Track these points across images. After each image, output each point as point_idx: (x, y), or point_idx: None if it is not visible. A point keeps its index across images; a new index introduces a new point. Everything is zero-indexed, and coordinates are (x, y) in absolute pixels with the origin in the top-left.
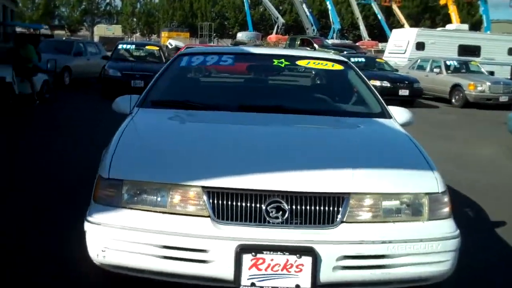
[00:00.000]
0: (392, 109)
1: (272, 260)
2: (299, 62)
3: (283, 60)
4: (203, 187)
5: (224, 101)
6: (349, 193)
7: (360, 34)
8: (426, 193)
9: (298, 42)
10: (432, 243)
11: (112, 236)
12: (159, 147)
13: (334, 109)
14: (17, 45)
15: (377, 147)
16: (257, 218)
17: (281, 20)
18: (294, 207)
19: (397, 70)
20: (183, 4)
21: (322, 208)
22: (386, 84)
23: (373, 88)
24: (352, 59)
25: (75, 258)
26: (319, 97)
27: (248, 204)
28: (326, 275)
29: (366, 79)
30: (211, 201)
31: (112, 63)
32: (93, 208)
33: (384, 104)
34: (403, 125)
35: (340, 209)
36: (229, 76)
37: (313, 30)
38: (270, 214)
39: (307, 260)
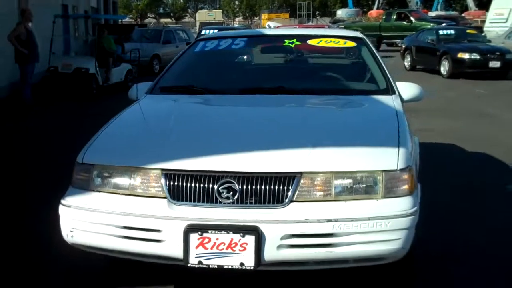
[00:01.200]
0: (400, 85)
1: (217, 239)
2: (310, 42)
3: (294, 40)
4: (161, 169)
5: (228, 85)
6: (301, 172)
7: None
8: (383, 171)
9: (394, 17)
10: (381, 221)
11: (79, 218)
12: (134, 133)
13: (336, 88)
14: (99, 37)
15: (352, 125)
16: (209, 199)
17: None
18: (245, 187)
19: (489, 41)
20: None
21: (272, 187)
22: (476, 56)
23: (383, 65)
24: (441, 32)
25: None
26: (324, 75)
27: (202, 185)
28: (270, 253)
29: (378, 56)
30: (167, 183)
31: None
32: (68, 191)
33: (391, 80)
34: (409, 100)
35: (290, 188)
36: (240, 59)
37: (416, 2)
38: (222, 195)
39: (250, 239)
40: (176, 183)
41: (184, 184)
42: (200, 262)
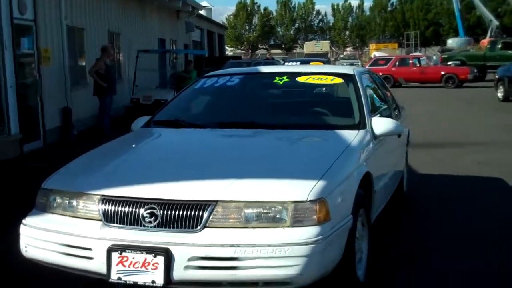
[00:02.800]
0: (376, 120)
1: (133, 258)
2: (299, 79)
3: (284, 77)
4: (100, 195)
5: (209, 119)
6: (216, 201)
7: None
8: (292, 201)
9: (500, 46)
10: (281, 248)
11: (32, 235)
12: (94, 164)
13: (305, 123)
14: (185, 70)
15: (288, 158)
16: (135, 222)
17: (494, 23)
18: (166, 212)
19: None
20: (395, 14)
21: (189, 213)
22: None
23: (365, 100)
24: None
25: None
26: (300, 111)
27: (130, 210)
28: (178, 273)
29: (362, 91)
30: (103, 207)
31: None
32: (31, 213)
33: (366, 116)
34: (382, 135)
35: (204, 215)
36: (230, 95)
37: None
38: (145, 219)
39: (160, 259)
40: (109, 207)
41: (116, 208)
42: (119, 278)
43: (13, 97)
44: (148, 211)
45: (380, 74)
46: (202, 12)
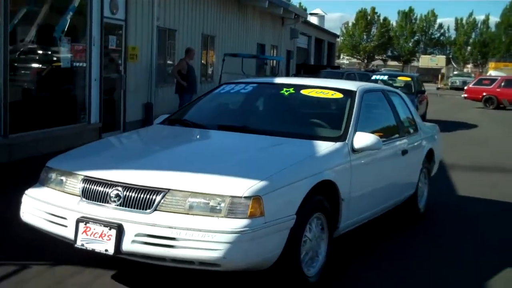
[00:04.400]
0: (359, 135)
1: (94, 229)
2: (303, 91)
3: (291, 89)
4: (83, 175)
5: (212, 121)
6: (168, 189)
7: None
8: (231, 196)
9: None
10: (210, 234)
11: (29, 203)
12: (93, 150)
13: (290, 131)
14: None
15: (250, 159)
16: (103, 200)
17: None
18: (128, 194)
19: None
20: None
21: (145, 197)
22: None
23: (356, 116)
24: None
25: None
26: (293, 120)
27: (101, 189)
28: (126, 245)
29: (356, 108)
30: (83, 185)
31: None
32: (34, 186)
33: (350, 130)
34: (362, 149)
35: (157, 199)
36: (238, 101)
37: None
38: (111, 198)
39: (113, 232)
40: (88, 186)
41: (92, 187)
42: (82, 245)
43: (96, 89)
44: (114, 192)
45: (484, 94)
46: (314, 19)
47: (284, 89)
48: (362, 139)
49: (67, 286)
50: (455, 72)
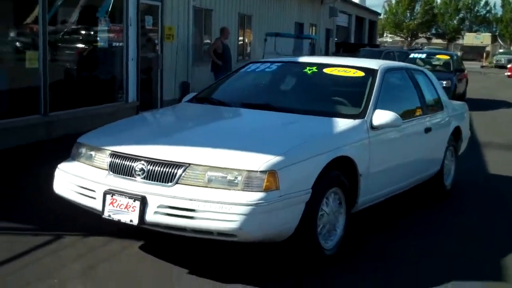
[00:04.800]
0: (378, 112)
1: (120, 201)
2: (325, 70)
3: (314, 68)
4: (110, 150)
5: (237, 99)
6: (189, 164)
7: None
8: (247, 170)
9: None
10: (228, 206)
11: (61, 176)
12: (123, 126)
13: (311, 109)
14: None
15: (267, 136)
16: (128, 173)
17: None
18: (152, 168)
19: None
20: None
21: (168, 171)
22: None
23: (376, 94)
24: None
25: None
26: (314, 98)
27: (127, 163)
28: (149, 216)
29: (377, 86)
30: (110, 160)
31: None
32: (66, 160)
33: (370, 107)
34: (381, 126)
35: (178, 173)
36: (263, 80)
37: None
38: (136, 172)
39: (138, 204)
40: (115, 161)
41: (119, 161)
42: (109, 215)
43: (133, 69)
44: (139, 166)
45: None
46: None
47: (307, 68)
48: (381, 116)
49: (97, 254)
50: (501, 50)
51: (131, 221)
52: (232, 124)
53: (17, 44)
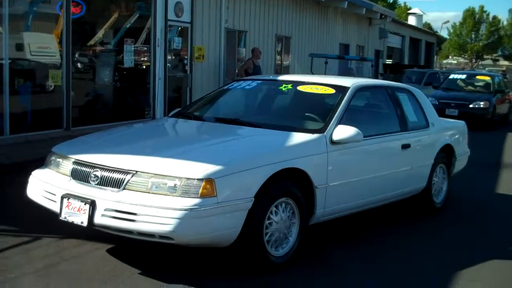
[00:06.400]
0: (340, 128)
1: (74, 204)
2: (299, 87)
3: (289, 85)
4: (74, 159)
5: (211, 114)
6: (136, 171)
7: None
8: (186, 178)
9: None
10: (163, 210)
11: (33, 182)
12: (94, 138)
13: (275, 124)
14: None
15: (216, 147)
16: (85, 179)
17: None
18: (104, 174)
19: None
20: None
21: (118, 177)
22: None
23: (341, 110)
24: None
25: None
26: (281, 114)
27: (84, 170)
28: (97, 219)
29: (344, 103)
30: (72, 167)
31: (437, 91)
32: (40, 167)
33: (332, 123)
34: (338, 141)
35: (125, 179)
36: (239, 96)
37: None
38: (91, 178)
39: (87, 207)
40: (76, 167)
41: (79, 168)
42: (65, 217)
43: (161, 87)
44: (94, 173)
45: None
46: (412, 18)
47: (283, 85)
48: (342, 131)
49: (64, 254)
50: None
51: (81, 222)
52: (190, 137)
53: (42, 61)
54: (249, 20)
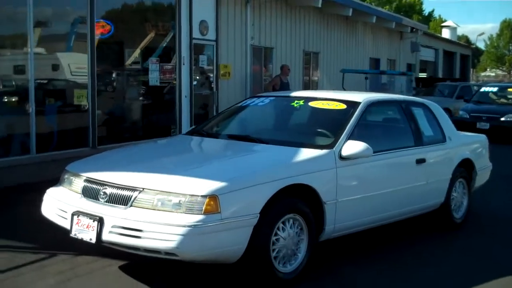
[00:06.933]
0: (349, 143)
1: (84, 221)
2: (311, 103)
3: (301, 101)
4: (85, 177)
5: (224, 131)
6: (143, 188)
7: None
8: (190, 195)
9: None
10: (167, 227)
11: (47, 200)
12: (104, 156)
13: (285, 140)
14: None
15: (225, 164)
16: (95, 197)
17: None
18: (113, 191)
19: None
20: None
21: (125, 194)
22: None
23: (352, 126)
24: None
25: None
26: (292, 130)
27: (94, 187)
28: (105, 235)
29: (355, 118)
30: (83, 184)
31: (468, 105)
32: (54, 185)
33: (342, 138)
34: (349, 156)
35: (133, 197)
36: (252, 113)
37: None
38: (100, 196)
39: (96, 224)
40: (87, 185)
41: (90, 186)
42: (75, 234)
43: (187, 105)
44: (103, 190)
45: None
46: (446, 31)
47: (295, 101)
48: (351, 147)
49: (77, 271)
50: None
51: (90, 239)
52: (200, 154)
53: (79, 82)
54: (276, 36)
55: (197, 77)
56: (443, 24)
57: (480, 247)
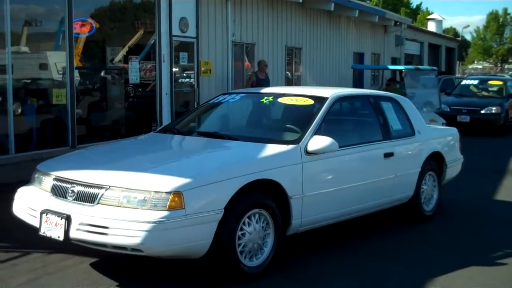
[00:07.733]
0: (315, 138)
1: (52, 219)
2: (279, 99)
3: (270, 98)
4: (54, 175)
5: (194, 128)
6: (109, 186)
7: None
8: (155, 191)
9: None
10: (132, 223)
11: (18, 199)
12: (74, 155)
13: (252, 136)
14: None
15: (188, 160)
16: (63, 195)
17: None
18: (81, 189)
19: None
20: None
21: (92, 192)
22: None
23: (318, 121)
24: None
25: None
26: (259, 126)
27: (63, 186)
28: (73, 233)
29: (321, 113)
30: (53, 183)
31: (449, 98)
32: (26, 184)
33: (308, 134)
34: (313, 151)
35: (99, 194)
36: (222, 110)
37: None
38: (68, 194)
39: (63, 222)
40: (56, 183)
41: (58, 184)
42: (44, 232)
43: (167, 102)
44: (72, 188)
45: None
46: (432, 24)
47: (265, 98)
48: (317, 142)
49: (49, 268)
50: None
51: (58, 237)
52: (168, 151)
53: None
54: (257, 32)
55: (178, 75)
56: (428, 17)
57: (448, 237)
